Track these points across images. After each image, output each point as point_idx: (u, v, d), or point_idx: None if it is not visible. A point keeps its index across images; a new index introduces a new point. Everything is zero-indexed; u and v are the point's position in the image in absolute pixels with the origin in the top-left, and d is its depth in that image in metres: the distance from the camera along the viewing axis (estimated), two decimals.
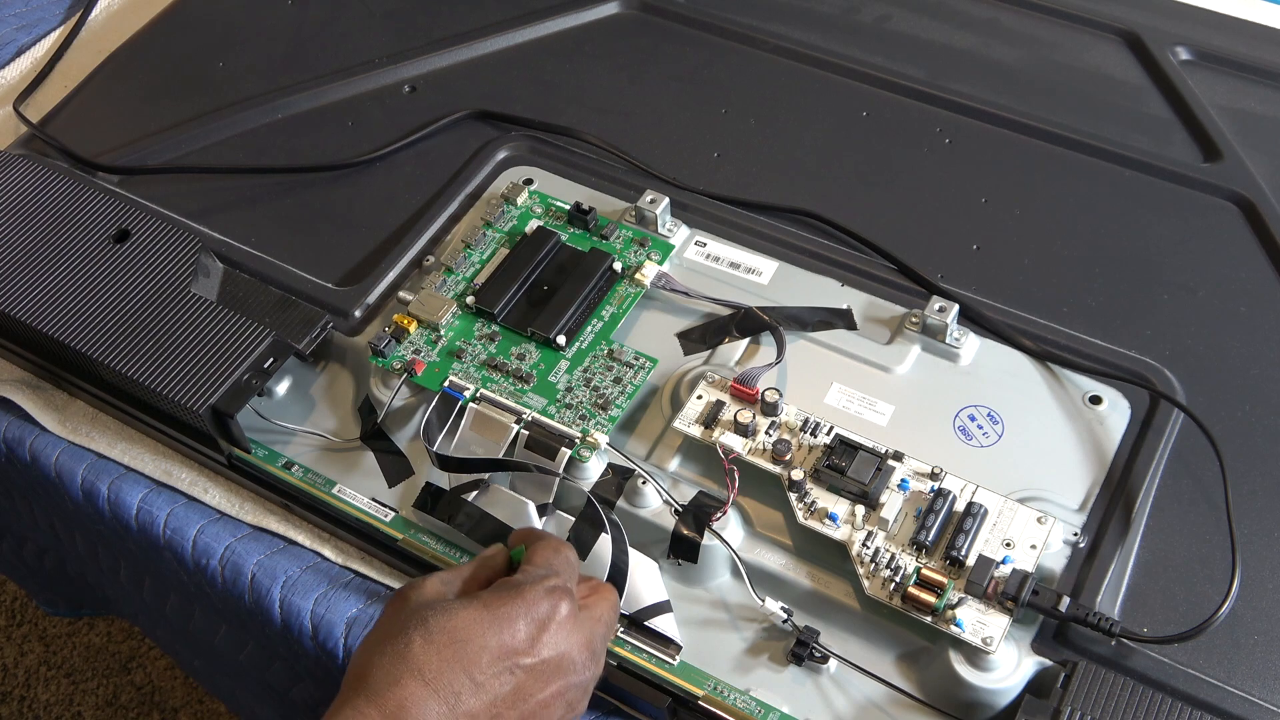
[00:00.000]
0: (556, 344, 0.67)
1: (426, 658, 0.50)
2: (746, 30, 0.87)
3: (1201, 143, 0.79)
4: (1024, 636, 0.58)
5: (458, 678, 0.50)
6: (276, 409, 0.70)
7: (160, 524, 0.69)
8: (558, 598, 0.52)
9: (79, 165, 0.82)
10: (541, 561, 0.55)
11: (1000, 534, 0.59)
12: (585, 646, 0.53)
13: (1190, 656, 0.57)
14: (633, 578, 0.60)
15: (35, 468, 0.73)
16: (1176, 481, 0.63)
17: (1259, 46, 0.84)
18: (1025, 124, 0.80)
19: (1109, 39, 0.86)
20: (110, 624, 1.35)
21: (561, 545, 0.56)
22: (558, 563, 0.55)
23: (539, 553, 0.55)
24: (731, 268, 0.72)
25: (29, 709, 1.31)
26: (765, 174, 0.79)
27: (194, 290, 0.70)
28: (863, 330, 0.69)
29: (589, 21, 0.90)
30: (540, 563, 0.55)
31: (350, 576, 0.66)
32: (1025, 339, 0.68)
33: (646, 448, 0.65)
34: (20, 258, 0.72)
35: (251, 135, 0.84)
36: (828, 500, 0.61)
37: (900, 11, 0.89)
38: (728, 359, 0.68)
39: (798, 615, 0.60)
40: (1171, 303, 0.71)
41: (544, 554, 0.55)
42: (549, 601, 0.52)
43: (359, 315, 0.72)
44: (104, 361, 0.67)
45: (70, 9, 0.99)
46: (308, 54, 0.89)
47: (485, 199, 0.77)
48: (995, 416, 0.65)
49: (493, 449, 0.64)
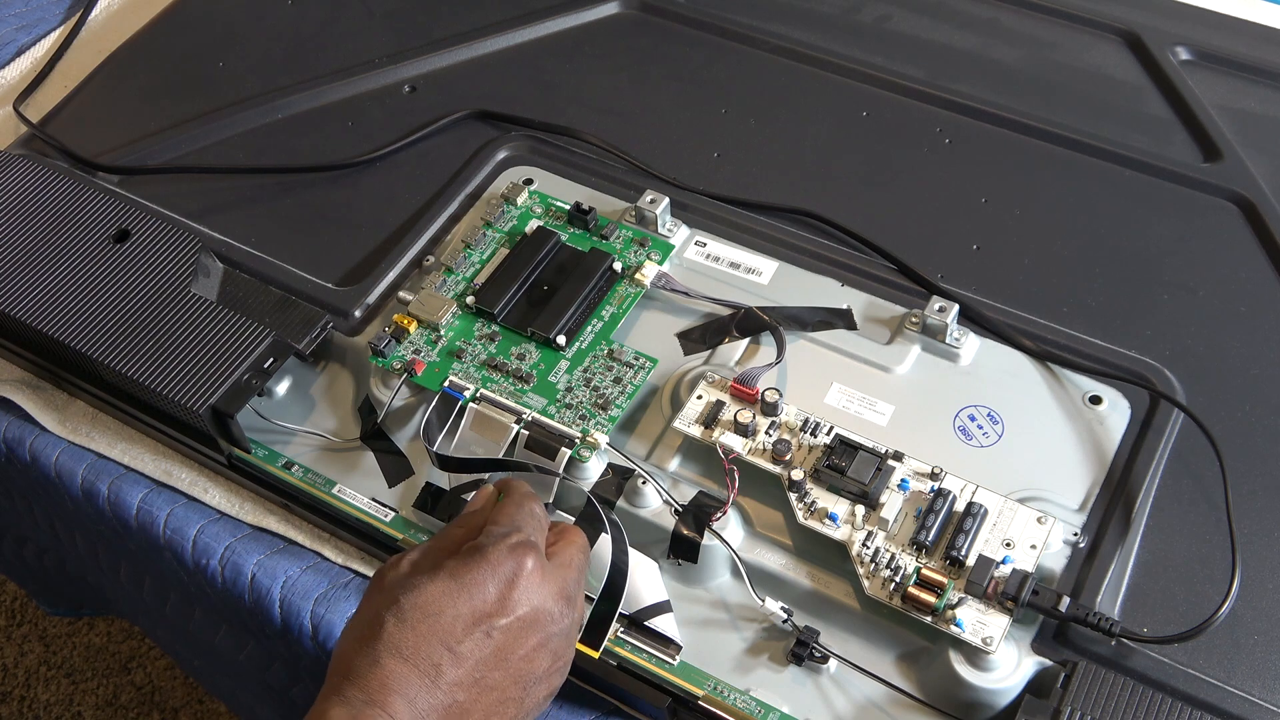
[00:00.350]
0: (556, 344, 0.67)
1: (402, 635, 0.50)
2: (746, 30, 0.87)
3: (1201, 143, 0.79)
4: (1024, 636, 0.58)
5: (435, 650, 0.50)
6: (276, 409, 0.70)
7: (160, 524, 0.69)
8: (522, 553, 0.53)
9: (79, 165, 0.82)
10: (505, 519, 0.55)
11: (1000, 534, 0.59)
12: (559, 595, 0.54)
13: (1190, 656, 0.57)
14: (633, 578, 0.60)
15: (35, 468, 0.73)
16: (1176, 481, 0.63)
17: (1259, 46, 0.84)
18: (1025, 124, 0.80)
19: (1109, 39, 0.86)
20: (110, 624, 1.35)
21: (525, 498, 0.57)
22: (520, 517, 0.55)
23: (502, 510, 0.56)
24: (731, 268, 0.72)
25: (29, 709, 1.31)
26: (765, 174, 0.79)
27: (194, 290, 0.70)
28: (863, 330, 0.69)
29: (589, 21, 0.90)
30: (504, 521, 0.55)
31: (350, 576, 0.66)
32: (1025, 339, 0.68)
33: (646, 448, 0.65)
34: (20, 258, 0.72)
35: (251, 135, 0.84)
36: (828, 500, 0.61)
37: (900, 11, 0.89)
38: (728, 359, 0.68)
39: (798, 615, 0.60)
40: (1171, 303, 0.71)
41: (507, 511, 0.56)
42: (513, 559, 0.53)
43: (359, 315, 0.72)
44: (104, 361, 0.67)
45: (70, 9, 0.99)
46: (308, 54, 0.89)
47: (485, 199, 0.77)
48: (995, 416, 0.65)
49: (493, 449, 0.64)
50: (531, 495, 0.58)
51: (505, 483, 0.59)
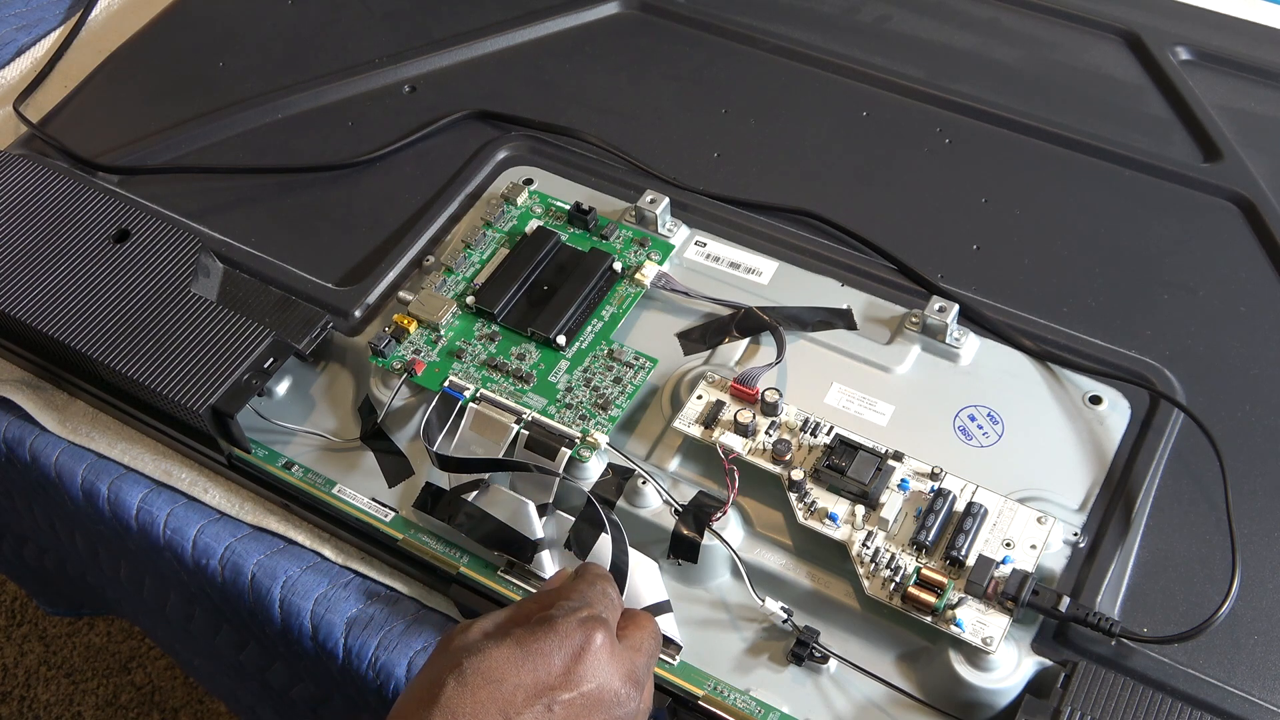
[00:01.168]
0: (556, 344, 0.67)
1: (460, 700, 0.49)
2: (746, 30, 0.87)
3: (1201, 143, 0.79)
4: (1024, 636, 0.58)
5: (492, 717, 0.49)
6: (276, 409, 0.70)
7: (160, 524, 0.69)
8: (591, 628, 0.51)
9: (79, 165, 0.82)
10: (577, 595, 0.53)
11: (1000, 534, 0.59)
12: (627, 677, 0.52)
13: (1190, 656, 0.57)
14: (633, 578, 0.60)
15: (35, 468, 0.73)
16: (1176, 481, 0.63)
17: (1259, 46, 0.84)
18: (1025, 124, 0.80)
19: (1109, 39, 0.86)
20: (110, 624, 1.35)
21: (599, 577, 0.55)
22: (592, 594, 0.54)
23: (574, 586, 0.54)
24: (731, 268, 0.72)
25: (29, 709, 1.31)
26: (765, 174, 0.79)
27: (194, 290, 0.70)
28: (863, 330, 0.69)
29: (589, 21, 0.90)
30: (575, 596, 0.53)
31: (350, 576, 0.66)
32: (1025, 339, 0.68)
33: (646, 448, 0.65)
34: (20, 258, 0.72)
35: (251, 135, 0.84)
36: (828, 500, 0.61)
37: (900, 11, 0.89)
38: (728, 359, 0.68)
39: (798, 615, 0.60)
40: (1171, 303, 0.71)
41: (579, 586, 0.54)
42: (582, 632, 0.51)
43: (359, 315, 0.72)
44: (104, 361, 0.67)
45: (70, 9, 0.99)
46: (308, 54, 0.89)
47: (485, 199, 0.77)
48: (995, 416, 0.65)
49: (493, 449, 0.64)
50: (606, 576, 0.56)
51: (584, 565, 0.58)
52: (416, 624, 0.64)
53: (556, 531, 0.63)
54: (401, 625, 0.64)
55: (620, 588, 0.59)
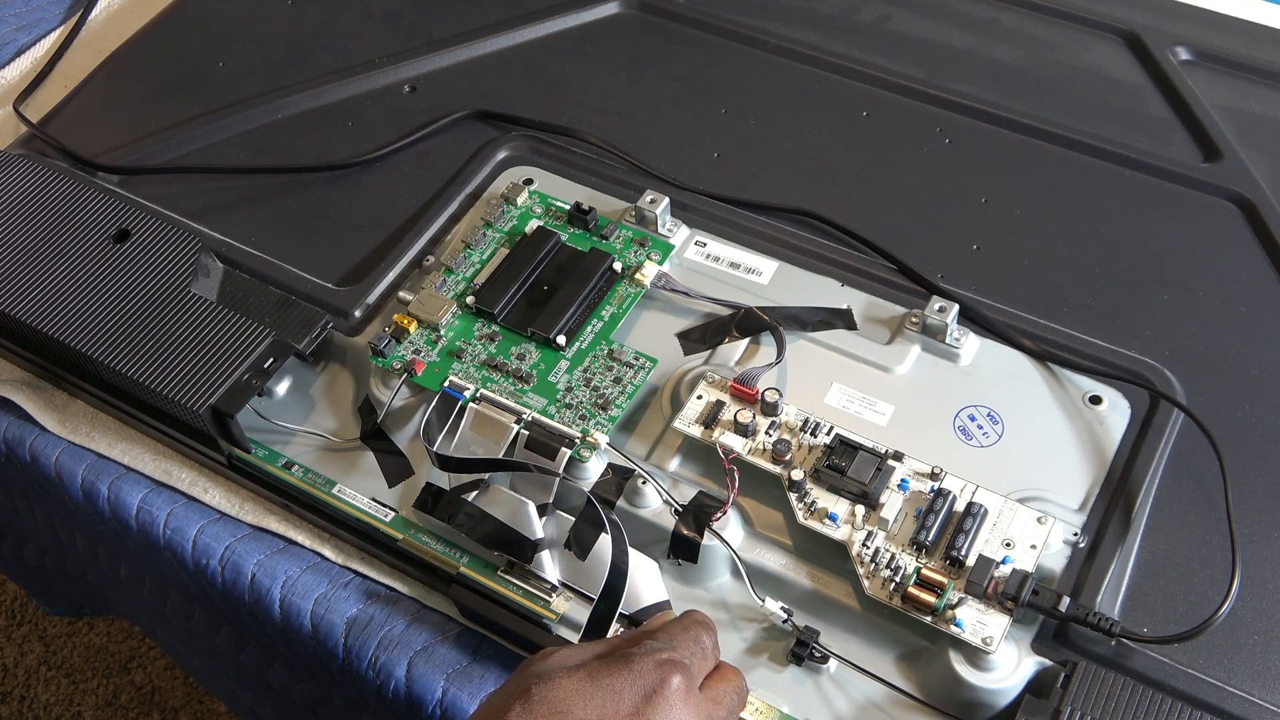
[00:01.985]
0: (556, 344, 0.67)
1: None
2: (746, 30, 0.87)
3: (1201, 143, 0.79)
4: (1024, 636, 0.58)
5: None
6: (276, 409, 0.70)
7: (160, 524, 0.69)
8: (668, 670, 0.49)
9: (79, 165, 0.82)
10: (664, 636, 0.52)
11: (1000, 534, 0.59)
12: None
13: (1190, 656, 0.57)
14: (633, 578, 0.60)
15: (35, 468, 0.73)
16: (1176, 481, 0.63)
17: (1259, 46, 0.84)
18: (1025, 124, 0.80)
19: (1109, 39, 0.86)
20: (110, 624, 1.35)
21: (696, 624, 0.53)
22: (682, 639, 0.52)
23: (668, 628, 0.53)
24: (731, 268, 0.72)
25: (29, 709, 1.31)
26: (765, 174, 0.79)
27: (194, 290, 0.70)
28: (863, 330, 0.69)
29: (589, 21, 0.90)
30: (662, 637, 0.52)
31: (350, 576, 0.66)
32: (1025, 339, 0.68)
33: (646, 448, 0.65)
34: (20, 258, 0.72)
35: (251, 135, 0.84)
36: (828, 500, 0.61)
37: (900, 11, 0.89)
38: (728, 359, 0.68)
39: (798, 615, 0.60)
40: (1171, 303, 0.71)
41: (672, 629, 0.53)
42: (658, 673, 0.49)
43: (359, 315, 0.72)
44: (104, 361, 0.67)
45: (70, 9, 0.99)
46: (308, 54, 0.89)
47: (485, 199, 0.78)
48: (995, 416, 0.65)
49: (493, 449, 0.64)
50: (707, 625, 0.54)
51: (687, 611, 0.56)
52: (416, 624, 0.64)
53: (556, 531, 0.63)
54: (401, 625, 0.64)
55: (620, 588, 0.59)
